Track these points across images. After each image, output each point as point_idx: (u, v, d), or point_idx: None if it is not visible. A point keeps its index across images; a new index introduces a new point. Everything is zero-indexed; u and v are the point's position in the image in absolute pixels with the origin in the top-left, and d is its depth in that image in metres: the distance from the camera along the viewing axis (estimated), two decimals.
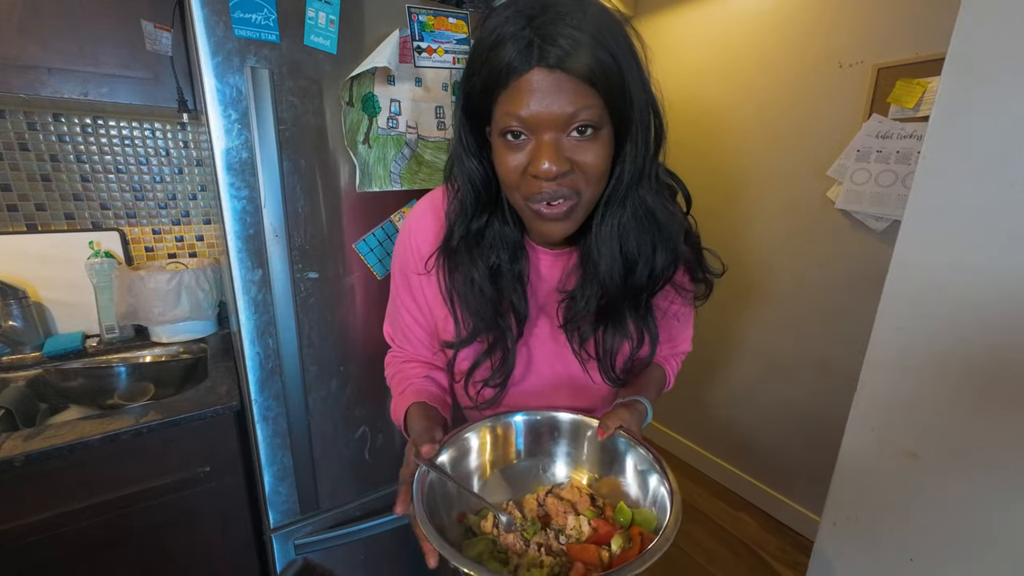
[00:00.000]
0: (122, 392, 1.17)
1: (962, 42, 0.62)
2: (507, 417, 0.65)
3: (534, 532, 0.55)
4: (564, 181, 0.50)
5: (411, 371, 0.72)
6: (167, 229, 1.36)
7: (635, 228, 0.56)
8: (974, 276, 0.64)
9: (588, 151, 0.49)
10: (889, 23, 1.34)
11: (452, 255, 0.61)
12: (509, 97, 0.48)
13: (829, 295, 1.59)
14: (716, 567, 1.65)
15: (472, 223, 0.59)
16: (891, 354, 0.74)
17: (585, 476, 0.64)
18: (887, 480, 0.77)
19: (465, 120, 0.55)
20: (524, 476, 0.64)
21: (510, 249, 0.61)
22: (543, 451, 0.66)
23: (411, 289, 0.69)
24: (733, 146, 1.80)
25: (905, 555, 0.76)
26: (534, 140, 0.49)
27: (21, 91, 0.93)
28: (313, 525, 1.01)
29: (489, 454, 0.64)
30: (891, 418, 0.75)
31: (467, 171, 0.57)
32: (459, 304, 0.63)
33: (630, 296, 0.60)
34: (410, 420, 0.63)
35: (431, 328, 0.71)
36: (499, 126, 0.50)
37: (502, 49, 0.46)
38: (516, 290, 0.62)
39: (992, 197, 0.61)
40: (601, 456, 0.63)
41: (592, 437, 0.63)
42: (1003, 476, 0.64)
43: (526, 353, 0.68)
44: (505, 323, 0.62)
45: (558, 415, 0.65)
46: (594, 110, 0.47)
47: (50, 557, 0.84)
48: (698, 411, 2.13)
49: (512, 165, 0.51)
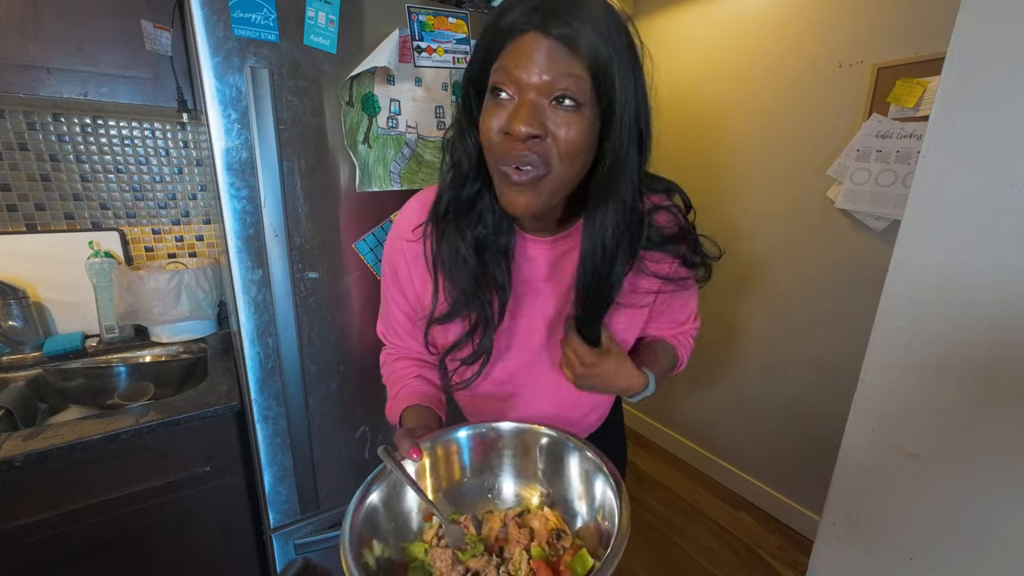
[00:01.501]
0: (122, 392, 1.17)
1: (962, 42, 0.62)
2: (449, 434, 0.61)
3: (471, 555, 0.51)
4: (535, 146, 0.50)
5: (403, 370, 0.73)
6: (167, 229, 1.36)
7: (618, 219, 0.56)
8: (974, 276, 0.64)
9: (564, 124, 0.50)
10: (889, 23, 1.34)
11: (440, 222, 0.61)
12: (504, 55, 0.50)
13: (829, 295, 1.59)
14: (716, 567, 1.65)
15: (464, 189, 0.60)
16: (891, 354, 0.74)
17: (536, 495, 0.60)
18: (887, 480, 0.77)
19: (469, 88, 0.57)
20: (471, 496, 0.61)
21: (497, 222, 0.61)
22: (489, 467, 0.62)
23: (399, 282, 0.70)
24: (733, 146, 1.80)
25: (905, 554, 0.76)
26: (517, 100, 0.50)
27: (21, 91, 0.93)
28: (313, 525, 1.01)
29: (430, 477, 0.60)
30: (891, 418, 0.75)
31: (466, 139, 0.58)
32: (443, 276, 0.63)
33: (604, 292, 0.60)
34: (404, 424, 0.65)
35: (415, 315, 0.71)
36: (490, 84, 0.52)
37: (509, 13, 0.49)
38: (500, 266, 0.62)
39: (992, 197, 0.61)
40: (550, 466, 0.60)
41: (541, 446, 0.60)
42: (1003, 476, 0.64)
43: (509, 335, 0.68)
44: (486, 298, 0.62)
45: (500, 426, 0.62)
46: (580, 83, 0.49)
47: (50, 557, 0.84)
48: (698, 410, 2.13)
49: (492, 125, 0.52)
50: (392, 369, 0.74)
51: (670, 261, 0.64)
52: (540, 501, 0.60)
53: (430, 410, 0.67)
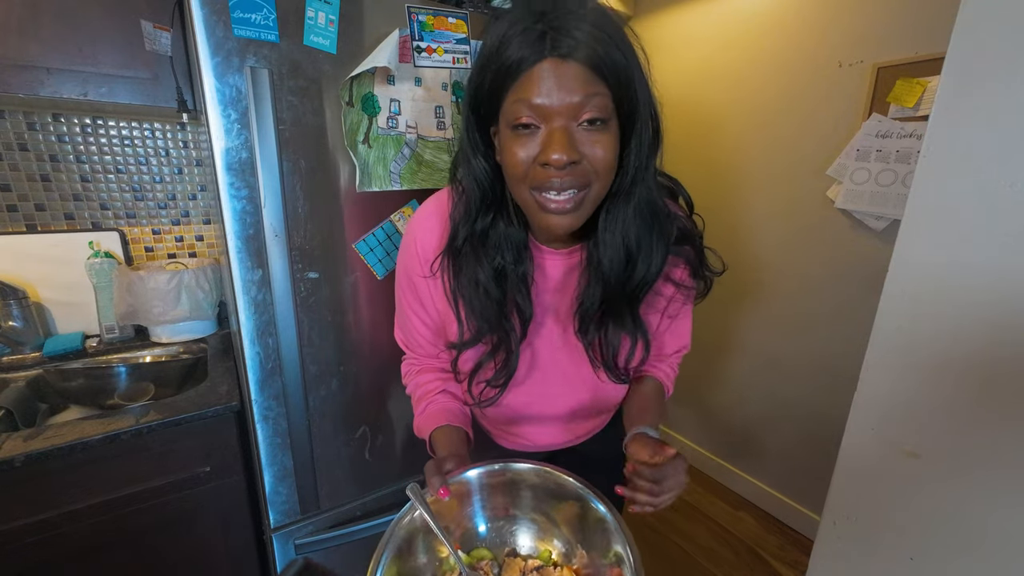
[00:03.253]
0: (122, 392, 1.17)
1: (962, 42, 0.62)
2: (471, 472, 0.59)
3: None
4: (574, 171, 0.50)
5: (428, 384, 0.73)
6: (167, 229, 1.36)
7: (637, 223, 0.57)
8: (974, 275, 0.64)
9: (597, 144, 0.50)
10: (889, 22, 1.34)
11: (457, 256, 0.61)
12: (520, 86, 0.49)
13: (829, 294, 1.59)
14: (717, 566, 1.65)
15: (477, 223, 0.59)
16: (891, 353, 0.74)
17: (555, 547, 0.60)
18: (887, 479, 0.77)
19: (472, 118, 0.56)
20: (491, 535, 0.61)
21: (515, 250, 0.61)
22: (512, 507, 0.61)
23: (417, 292, 0.69)
24: (733, 145, 1.80)
25: (905, 554, 0.76)
26: (544, 129, 0.50)
27: (20, 91, 0.93)
28: (313, 525, 1.01)
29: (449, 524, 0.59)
30: (891, 417, 0.75)
31: (474, 170, 0.58)
32: (464, 306, 0.63)
33: (630, 291, 0.60)
34: (435, 447, 0.66)
35: (438, 328, 0.71)
36: (509, 118, 0.51)
37: (513, 43, 0.48)
38: (521, 291, 0.62)
39: (992, 197, 0.61)
40: (571, 520, 0.58)
41: (565, 494, 0.58)
42: (1003, 475, 0.64)
43: (530, 354, 0.68)
44: (509, 324, 0.62)
45: (521, 467, 0.59)
46: (603, 100, 0.48)
47: (50, 557, 0.84)
48: (698, 410, 2.13)
49: (522, 156, 0.51)
50: (417, 383, 0.74)
51: (682, 266, 0.65)
52: (560, 554, 0.60)
53: (459, 431, 0.68)
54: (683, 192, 0.66)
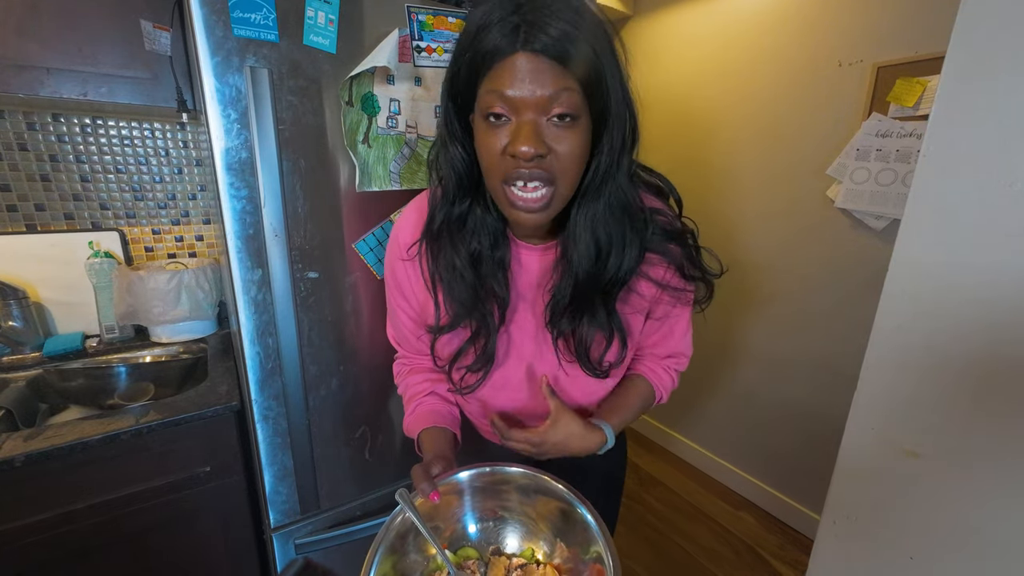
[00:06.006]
0: (122, 392, 1.17)
1: (962, 41, 0.62)
2: (458, 475, 0.61)
3: None
4: (541, 164, 0.51)
5: (417, 386, 0.74)
6: (167, 229, 1.36)
7: (608, 219, 0.57)
8: (974, 275, 0.64)
9: (565, 139, 0.50)
10: (889, 22, 1.34)
11: (434, 240, 0.62)
12: (493, 77, 0.49)
13: (829, 294, 1.59)
14: (717, 566, 1.65)
15: (455, 207, 0.60)
16: (891, 353, 0.74)
17: (540, 547, 0.61)
18: (887, 479, 0.77)
19: (450, 105, 0.56)
20: (478, 534, 0.63)
21: (491, 236, 0.62)
22: (498, 509, 0.63)
23: (398, 281, 0.70)
24: (732, 145, 1.80)
25: (905, 553, 0.76)
26: (515, 120, 0.50)
27: (20, 91, 0.93)
28: (313, 525, 1.01)
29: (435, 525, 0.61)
30: (891, 417, 0.75)
31: (451, 156, 0.58)
32: (442, 290, 0.64)
33: (602, 287, 0.60)
34: (423, 448, 0.67)
35: (420, 319, 0.72)
36: (482, 107, 0.51)
37: (489, 33, 0.48)
38: (497, 277, 0.63)
39: (992, 196, 0.61)
40: (556, 521, 0.60)
41: (549, 496, 0.60)
42: (1003, 475, 0.64)
43: (506, 340, 0.68)
44: (487, 309, 0.63)
45: (510, 469, 0.61)
46: (573, 96, 0.49)
47: (50, 557, 0.84)
48: (698, 410, 2.13)
49: (493, 146, 0.52)
50: (407, 384, 0.76)
51: (665, 266, 0.64)
52: (545, 553, 0.61)
53: (446, 432, 0.69)
54: (673, 191, 0.66)
